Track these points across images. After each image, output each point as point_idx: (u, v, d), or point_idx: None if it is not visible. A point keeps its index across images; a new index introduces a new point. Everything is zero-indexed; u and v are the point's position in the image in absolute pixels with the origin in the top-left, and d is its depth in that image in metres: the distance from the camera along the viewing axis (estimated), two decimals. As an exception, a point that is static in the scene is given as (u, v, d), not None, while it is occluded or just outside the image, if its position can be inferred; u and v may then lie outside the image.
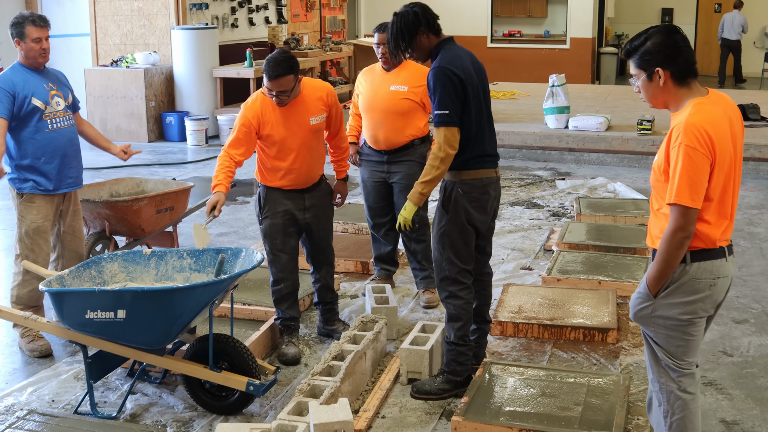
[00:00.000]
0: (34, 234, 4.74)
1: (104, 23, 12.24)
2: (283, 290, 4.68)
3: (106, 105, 11.58)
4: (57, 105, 4.79)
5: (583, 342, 4.86)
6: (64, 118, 4.83)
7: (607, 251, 6.31)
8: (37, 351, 4.75)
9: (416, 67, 5.26)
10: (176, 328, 3.90)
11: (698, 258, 3.04)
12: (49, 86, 4.79)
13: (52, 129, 4.75)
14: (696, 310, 3.08)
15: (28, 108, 4.67)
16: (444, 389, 4.19)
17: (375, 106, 5.23)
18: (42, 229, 4.76)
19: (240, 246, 5.90)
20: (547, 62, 16.99)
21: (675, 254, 3.00)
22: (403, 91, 5.17)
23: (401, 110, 5.18)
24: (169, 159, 10.48)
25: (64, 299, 3.89)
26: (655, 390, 3.20)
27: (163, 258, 4.31)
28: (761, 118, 11.12)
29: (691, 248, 3.03)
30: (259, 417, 4.04)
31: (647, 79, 3.09)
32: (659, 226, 3.09)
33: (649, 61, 3.07)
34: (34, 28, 4.67)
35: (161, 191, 5.91)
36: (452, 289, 4.12)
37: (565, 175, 9.53)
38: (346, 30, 16.99)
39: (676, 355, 3.12)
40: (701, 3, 20.27)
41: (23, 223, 4.75)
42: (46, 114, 4.73)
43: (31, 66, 4.77)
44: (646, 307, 3.13)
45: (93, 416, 3.99)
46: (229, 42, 12.71)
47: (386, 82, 5.23)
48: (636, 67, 3.12)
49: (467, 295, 4.14)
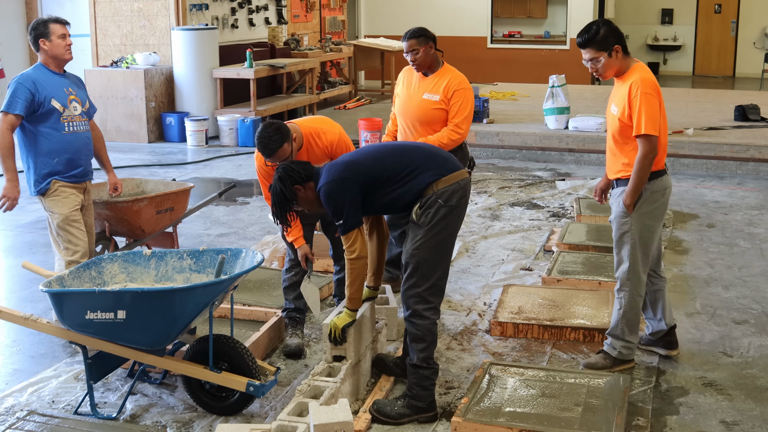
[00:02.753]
0: (65, 224, 4.84)
1: (104, 24, 12.25)
2: (293, 278, 4.73)
3: (106, 106, 11.58)
4: (74, 110, 4.91)
5: (583, 343, 4.85)
6: (80, 123, 4.96)
7: (607, 252, 6.30)
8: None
9: (452, 74, 5.23)
10: (176, 329, 3.90)
11: (653, 177, 4.26)
12: (69, 90, 4.91)
13: (69, 132, 4.88)
14: (658, 215, 4.33)
15: (47, 107, 4.79)
16: (403, 414, 3.95)
17: (408, 113, 5.25)
18: (72, 217, 4.87)
19: (240, 246, 5.91)
20: (547, 63, 16.98)
21: (647, 171, 4.19)
22: (435, 100, 5.17)
23: (431, 119, 5.17)
24: (169, 160, 10.48)
25: (64, 300, 3.89)
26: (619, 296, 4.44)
27: (163, 259, 4.31)
28: (761, 119, 11.11)
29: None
30: (259, 418, 4.04)
31: (608, 56, 4.21)
32: (626, 157, 4.27)
33: (608, 42, 4.20)
34: (58, 25, 4.85)
35: (161, 192, 5.91)
36: (420, 307, 3.95)
37: (565, 175, 9.53)
38: (346, 31, 16.99)
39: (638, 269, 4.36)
40: (701, 3, 20.26)
41: (54, 218, 4.86)
42: (64, 117, 4.85)
43: (54, 67, 4.89)
44: (625, 222, 4.31)
45: (93, 417, 3.99)
46: (229, 43, 12.70)
47: (421, 89, 5.23)
48: (597, 51, 4.21)
49: (433, 316, 3.98)
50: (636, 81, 4.17)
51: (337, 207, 3.92)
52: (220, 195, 6.64)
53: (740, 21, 19.93)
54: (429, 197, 3.90)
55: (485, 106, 11.28)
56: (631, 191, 4.23)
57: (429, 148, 4.14)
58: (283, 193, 3.98)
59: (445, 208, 3.90)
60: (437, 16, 17.98)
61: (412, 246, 3.93)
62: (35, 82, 4.78)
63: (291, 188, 3.98)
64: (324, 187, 3.93)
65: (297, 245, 4.56)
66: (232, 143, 11.41)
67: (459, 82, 5.20)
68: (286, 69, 12.61)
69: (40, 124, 4.79)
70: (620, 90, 4.27)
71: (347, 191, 3.90)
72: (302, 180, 4.01)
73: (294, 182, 3.99)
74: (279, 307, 5.08)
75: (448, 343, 4.86)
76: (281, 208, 4.02)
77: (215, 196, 6.60)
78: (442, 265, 3.97)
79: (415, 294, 3.94)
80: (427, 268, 3.92)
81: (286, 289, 4.80)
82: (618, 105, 4.26)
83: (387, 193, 3.96)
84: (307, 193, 4.02)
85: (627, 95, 4.18)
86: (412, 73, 5.34)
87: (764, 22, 19.75)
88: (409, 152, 4.07)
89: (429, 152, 4.06)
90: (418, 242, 3.91)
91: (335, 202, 3.91)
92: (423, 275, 3.92)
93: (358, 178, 3.93)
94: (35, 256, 6.44)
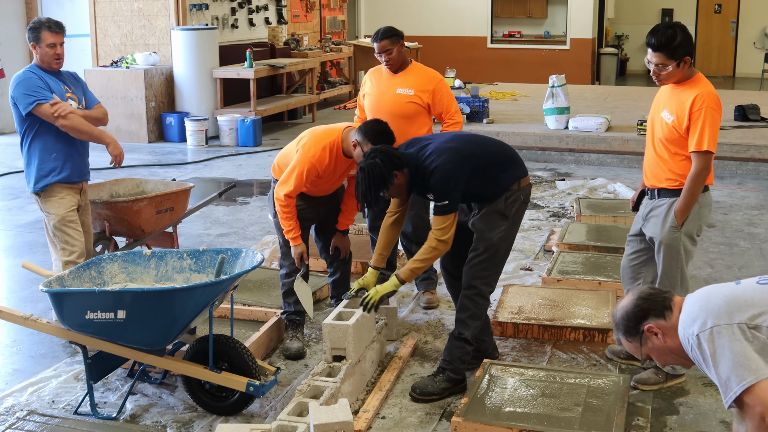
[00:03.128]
0: (62, 225, 4.83)
1: (104, 24, 12.25)
2: (293, 283, 4.72)
3: (106, 106, 11.38)
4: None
5: (583, 342, 4.86)
6: None
7: (607, 252, 6.31)
8: None
9: (423, 70, 5.26)
10: (176, 329, 3.90)
11: (704, 191, 4.12)
12: (65, 88, 4.92)
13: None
14: (700, 231, 4.22)
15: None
16: (446, 388, 4.20)
17: (381, 107, 5.20)
18: (69, 218, 4.86)
19: (240, 246, 5.91)
20: (547, 63, 16.98)
21: (700, 188, 4.06)
22: (410, 94, 5.15)
23: (407, 113, 5.15)
24: (169, 159, 10.48)
25: (64, 300, 3.89)
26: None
27: (163, 258, 4.31)
28: (761, 119, 11.11)
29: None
30: (259, 417, 4.04)
31: (677, 65, 4.00)
32: (675, 168, 4.11)
33: (680, 52, 3.97)
34: (49, 34, 4.81)
35: (161, 192, 5.91)
36: (485, 289, 4.25)
37: (565, 175, 9.53)
38: (346, 30, 16.99)
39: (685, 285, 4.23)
40: (701, 3, 20.28)
41: (50, 219, 4.85)
42: None
43: (47, 68, 4.88)
44: (675, 238, 4.14)
45: (93, 417, 3.99)
46: (229, 43, 12.71)
47: (393, 85, 5.21)
48: (667, 58, 3.98)
49: (490, 299, 4.36)
50: (702, 94, 3.99)
51: (447, 188, 4.03)
52: (220, 195, 6.64)
53: (740, 21, 19.94)
54: (515, 192, 4.19)
55: (485, 106, 11.28)
56: (683, 208, 4.09)
57: (509, 147, 4.42)
58: (383, 177, 3.99)
59: (524, 206, 4.26)
60: (437, 16, 17.99)
61: (496, 234, 4.16)
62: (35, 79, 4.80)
63: (391, 172, 4.02)
64: (442, 168, 4.01)
65: (294, 244, 4.57)
66: (232, 143, 11.41)
67: (433, 76, 5.23)
68: (286, 69, 12.62)
69: (40, 121, 4.80)
70: (679, 98, 4.07)
71: (460, 176, 4.05)
72: (401, 166, 4.06)
73: (394, 167, 4.03)
74: (279, 307, 5.08)
75: (448, 343, 4.86)
76: (375, 190, 4.02)
77: (215, 196, 6.60)
78: (507, 256, 4.34)
79: (486, 277, 4.22)
80: (500, 258, 4.26)
81: (285, 294, 4.80)
82: (674, 113, 4.07)
83: (479, 183, 4.14)
84: (401, 178, 4.08)
85: (689, 107, 3.99)
86: (380, 72, 5.33)
87: (764, 22, 19.75)
88: (497, 147, 4.33)
89: (512, 150, 4.38)
90: (501, 232, 4.17)
91: (448, 183, 4.02)
92: (497, 262, 4.25)
93: (467, 164, 4.08)
94: (35, 256, 6.44)
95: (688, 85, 4.06)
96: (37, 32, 4.81)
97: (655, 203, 4.22)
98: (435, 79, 5.20)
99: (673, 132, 4.06)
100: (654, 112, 4.26)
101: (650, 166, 4.27)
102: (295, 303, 4.77)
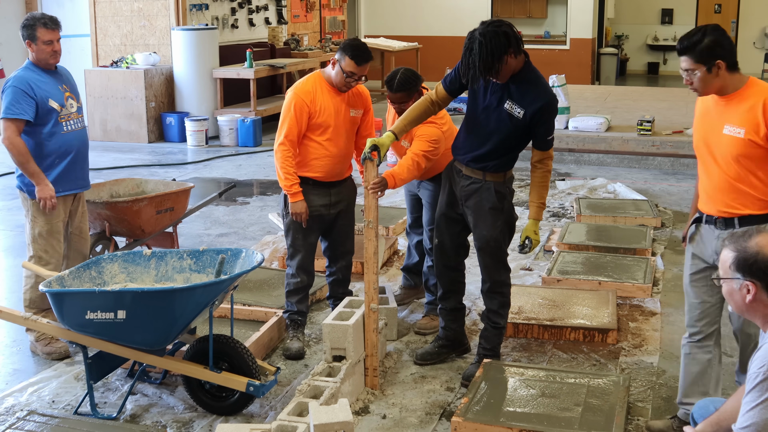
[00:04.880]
0: (48, 235, 4.72)
1: (104, 24, 12.25)
2: (298, 284, 4.75)
3: (106, 106, 11.59)
4: (71, 107, 4.79)
5: (583, 342, 4.86)
6: (78, 120, 4.83)
7: (607, 252, 6.31)
8: (55, 354, 4.71)
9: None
10: (176, 329, 3.90)
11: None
12: (63, 88, 4.79)
13: (68, 131, 4.75)
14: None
15: (45, 109, 4.65)
16: None
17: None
18: (55, 230, 4.74)
19: (240, 246, 5.91)
20: (547, 63, 16.97)
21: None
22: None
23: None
24: (169, 160, 10.48)
25: (64, 300, 3.89)
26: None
27: (163, 259, 4.31)
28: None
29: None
30: (259, 417, 4.04)
31: (707, 71, 3.45)
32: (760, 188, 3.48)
33: (710, 55, 3.43)
34: (45, 30, 4.66)
35: (161, 192, 5.91)
36: (506, 277, 4.41)
37: (565, 175, 9.53)
38: (346, 31, 16.99)
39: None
40: (701, 3, 20.27)
41: (36, 225, 4.72)
42: (62, 116, 4.72)
43: (43, 66, 4.74)
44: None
45: (93, 417, 3.99)
46: (229, 43, 12.71)
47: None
48: (695, 62, 3.46)
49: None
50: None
51: (553, 123, 4.20)
52: (220, 195, 6.64)
53: (740, 21, 19.93)
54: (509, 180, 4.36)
55: (485, 106, 11.27)
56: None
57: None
58: (507, 42, 3.95)
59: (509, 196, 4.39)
60: (437, 16, 17.99)
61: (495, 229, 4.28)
62: (30, 83, 4.63)
63: (506, 48, 3.96)
64: (554, 101, 4.15)
65: (294, 199, 4.55)
66: (232, 143, 11.41)
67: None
68: (286, 69, 12.62)
69: (40, 127, 4.65)
70: (739, 108, 3.48)
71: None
72: (521, 49, 4.09)
73: (518, 43, 4.04)
74: (279, 307, 5.08)
75: (448, 343, 4.86)
76: (496, 56, 3.94)
77: (215, 196, 6.60)
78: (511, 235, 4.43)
79: (505, 266, 4.38)
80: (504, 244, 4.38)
81: (289, 293, 4.80)
82: (742, 125, 3.46)
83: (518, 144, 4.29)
84: (515, 62, 4.06)
85: (762, 112, 3.40)
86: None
87: (764, 22, 19.75)
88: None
89: None
90: (498, 227, 4.28)
91: (554, 118, 4.21)
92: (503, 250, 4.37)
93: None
94: (35, 256, 6.43)
95: (742, 96, 3.50)
96: (32, 29, 4.65)
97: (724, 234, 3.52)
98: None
99: (750, 144, 3.45)
100: (706, 133, 3.63)
101: (716, 194, 3.59)
102: (298, 303, 4.76)
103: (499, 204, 4.25)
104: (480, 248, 4.33)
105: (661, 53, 20.96)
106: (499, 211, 4.26)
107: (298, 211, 4.57)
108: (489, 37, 3.93)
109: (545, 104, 4.08)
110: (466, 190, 4.29)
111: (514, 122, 4.10)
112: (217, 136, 11.63)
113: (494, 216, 4.26)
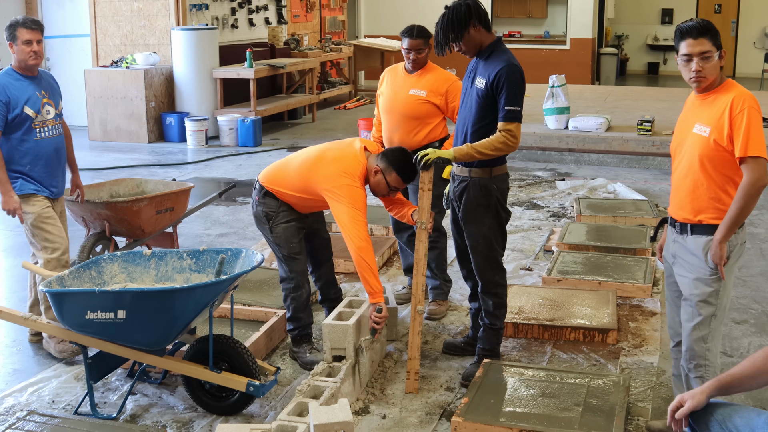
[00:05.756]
0: (40, 222, 4.72)
1: (104, 24, 12.25)
2: (302, 296, 4.61)
3: (106, 106, 11.59)
4: (47, 114, 4.77)
5: (583, 342, 4.86)
6: (53, 127, 4.81)
7: (607, 252, 6.31)
8: (67, 352, 4.71)
9: (439, 71, 5.21)
10: (176, 329, 3.90)
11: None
12: (42, 94, 4.76)
13: (40, 138, 4.73)
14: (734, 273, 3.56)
15: (20, 116, 4.64)
16: None
17: (393, 108, 5.20)
18: (45, 214, 4.74)
19: (240, 246, 5.91)
20: (547, 63, 16.98)
21: (751, 204, 3.34)
22: (422, 95, 5.13)
23: (418, 114, 5.13)
24: (169, 160, 10.48)
25: (64, 300, 3.89)
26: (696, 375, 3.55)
27: (163, 259, 4.31)
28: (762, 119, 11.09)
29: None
30: (259, 418, 4.04)
31: (718, 56, 3.40)
32: (718, 193, 3.41)
33: (720, 40, 3.39)
34: (25, 30, 4.64)
35: (161, 192, 5.91)
36: (501, 278, 4.39)
37: (565, 175, 9.53)
38: (346, 30, 16.99)
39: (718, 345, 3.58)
40: (701, 3, 20.28)
41: (27, 218, 4.73)
42: (36, 122, 4.70)
43: (23, 71, 4.73)
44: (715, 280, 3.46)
45: (93, 417, 3.99)
46: (229, 43, 12.71)
47: (406, 86, 5.19)
48: (713, 44, 3.37)
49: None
50: (740, 96, 3.39)
51: (517, 92, 4.07)
52: (220, 195, 6.64)
53: (740, 21, 19.94)
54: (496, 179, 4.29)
55: (485, 106, 11.27)
56: (728, 228, 3.38)
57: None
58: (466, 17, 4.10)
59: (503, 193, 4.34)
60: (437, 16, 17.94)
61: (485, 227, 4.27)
62: (5, 88, 4.61)
63: (473, 20, 4.11)
64: (513, 68, 4.07)
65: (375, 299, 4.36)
66: (232, 143, 11.42)
67: (447, 77, 5.19)
68: (286, 69, 12.62)
69: (12, 133, 4.64)
70: (712, 107, 3.43)
71: (522, 88, 4.12)
72: (486, 24, 4.16)
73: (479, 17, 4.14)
74: (279, 307, 5.08)
75: (448, 343, 4.86)
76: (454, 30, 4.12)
77: (215, 196, 6.60)
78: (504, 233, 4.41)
79: (498, 267, 4.36)
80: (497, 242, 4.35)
81: (297, 309, 4.61)
82: (709, 123, 3.40)
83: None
84: (478, 35, 4.16)
85: (728, 111, 3.36)
86: (395, 71, 5.33)
87: (764, 22, 19.75)
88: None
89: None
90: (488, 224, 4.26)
91: (517, 86, 4.07)
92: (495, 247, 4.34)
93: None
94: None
95: (720, 91, 3.46)
96: (13, 29, 4.64)
97: (684, 239, 3.55)
98: (448, 81, 5.17)
99: (714, 145, 3.39)
100: (680, 131, 3.60)
101: (681, 196, 3.56)
102: (308, 316, 4.66)
103: (484, 200, 4.22)
104: (471, 247, 4.32)
105: (661, 53, 20.96)
106: (485, 207, 4.23)
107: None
108: (453, 8, 4.17)
109: (502, 69, 4.06)
110: (457, 190, 4.30)
111: (480, 95, 4.15)
112: (217, 136, 11.63)
113: (481, 213, 4.24)
